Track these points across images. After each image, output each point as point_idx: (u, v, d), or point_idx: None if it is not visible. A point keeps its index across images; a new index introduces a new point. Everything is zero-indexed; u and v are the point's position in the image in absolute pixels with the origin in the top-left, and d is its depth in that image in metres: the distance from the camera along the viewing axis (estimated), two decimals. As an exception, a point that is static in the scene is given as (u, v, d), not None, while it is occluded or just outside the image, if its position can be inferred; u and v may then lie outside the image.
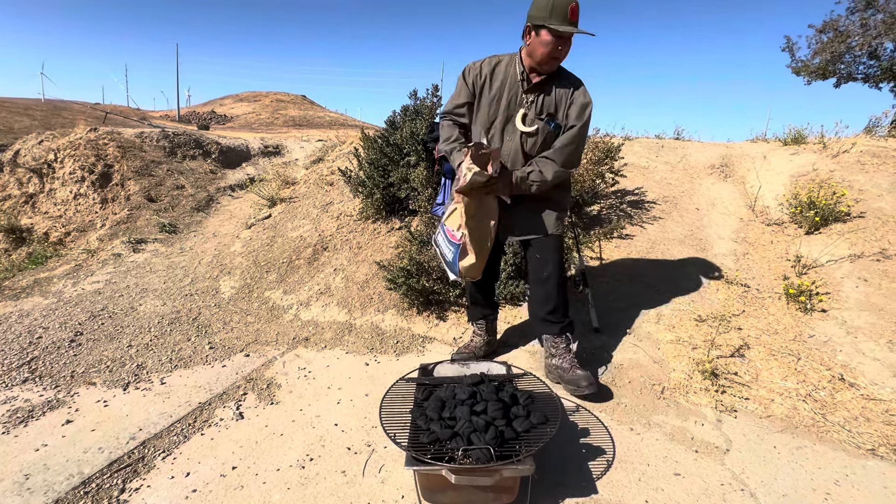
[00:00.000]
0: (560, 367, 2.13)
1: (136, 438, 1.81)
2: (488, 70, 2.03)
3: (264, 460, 1.69)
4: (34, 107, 22.63)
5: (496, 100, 2.02)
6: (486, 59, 2.07)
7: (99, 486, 1.57)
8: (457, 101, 2.09)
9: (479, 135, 2.05)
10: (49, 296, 3.47)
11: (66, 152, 5.90)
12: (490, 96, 2.02)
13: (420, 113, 3.64)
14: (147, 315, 3.04)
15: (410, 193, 3.38)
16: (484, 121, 2.06)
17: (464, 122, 2.11)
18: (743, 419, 1.98)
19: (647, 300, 2.88)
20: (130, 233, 4.80)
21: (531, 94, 2.00)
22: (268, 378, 2.27)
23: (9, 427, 1.87)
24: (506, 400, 1.53)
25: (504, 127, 2.04)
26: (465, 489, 1.37)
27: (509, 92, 2.01)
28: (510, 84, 2.01)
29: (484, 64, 2.05)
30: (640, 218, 3.86)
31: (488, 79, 2.02)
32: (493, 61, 2.04)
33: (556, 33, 1.84)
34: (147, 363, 2.42)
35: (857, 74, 9.21)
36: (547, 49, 1.87)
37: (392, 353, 2.54)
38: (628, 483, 1.59)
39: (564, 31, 1.83)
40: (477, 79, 2.04)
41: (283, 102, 34.46)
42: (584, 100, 1.99)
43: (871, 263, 2.85)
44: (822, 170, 4.03)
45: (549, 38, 1.85)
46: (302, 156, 7.83)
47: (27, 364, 2.39)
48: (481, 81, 2.03)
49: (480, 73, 2.03)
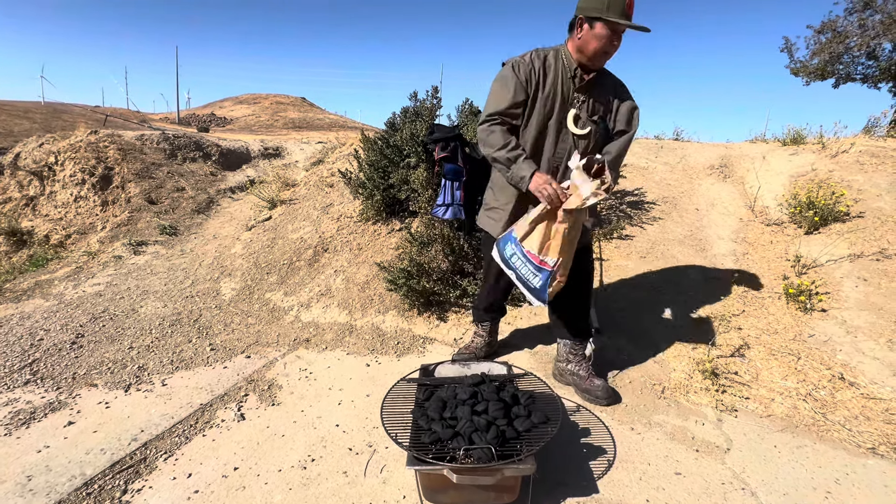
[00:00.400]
0: (576, 373, 2.13)
1: (138, 440, 1.81)
2: (539, 65, 1.84)
3: (266, 461, 1.70)
4: (34, 109, 22.64)
5: (550, 97, 1.84)
6: (533, 53, 1.87)
7: (101, 487, 1.57)
8: (513, 99, 1.84)
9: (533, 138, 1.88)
10: (50, 298, 3.47)
11: (67, 155, 5.91)
12: (545, 94, 1.84)
13: (420, 114, 3.65)
14: (148, 317, 3.05)
15: (410, 195, 3.39)
16: (538, 121, 1.87)
17: (516, 125, 1.90)
18: (743, 418, 1.99)
19: (647, 300, 2.89)
20: (131, 235, 4.81)
21: (582, 94, 1.86)
22: (269, 379, 2.28)
23: (11, 429, 1.88)
24: (507, 400, 1.53)
25: (559, 128, 1.87)
26: (466, 489, 1.37)
27: (563, 89, 1.85)
28: (563, 80, 1.84)
29: (533, 58, 1.85)
30: (639, 218, 3.87)
31: (541, 74, 1.84)
32: (540, 55, 1.86)
33: (612, 27, 1.70)
34: (148, 365, 2.42)
35: (855, 75, 9.23)
36: (600, 43, 1.73)
37: (393, 353, 2.54)
38: (629, 482, 1.60)
39: (623, 24, 1.68)
40: (531, 74, 1.83)
41: (283, 104, 34.50)
42: (633, 104, 1.92)
43: (870, 263, 2.86)
44: (821, 170, 4.04)
45: (604, 32, 1.71)
46: (302, 158, 7.84)
47: (29, 366, 2.40)
48: (535, 77, 1.83)
49: (533, 67, 1.83)
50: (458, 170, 2.77)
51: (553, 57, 1.86)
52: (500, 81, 1.87)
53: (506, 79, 1.85)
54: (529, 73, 1.83)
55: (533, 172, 1.77)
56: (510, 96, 1.84)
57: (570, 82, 1.84)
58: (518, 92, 1.84)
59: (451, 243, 3.05)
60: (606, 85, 1.90)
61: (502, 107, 1.86)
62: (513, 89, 1.84)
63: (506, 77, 1.86)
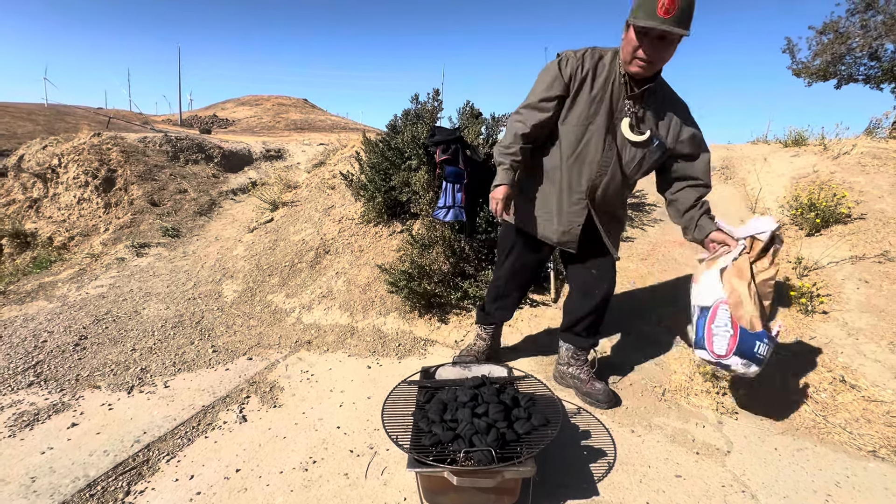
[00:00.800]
0: (577, 377, 2.12)
1: (141, 441, 1.82)
2: (591, 64, 1.73)
3: (267, 463, 1.71)
4: (37, 111, 22.76)
5: (598, 99, 1.73)
6: (588, 51, 1.76)
7: (104, 488, 1.58)
8: (546, 93, 1.76)
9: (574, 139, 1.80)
10: (53, 300, 3.49)
11: (70, 157, 5.95)
12: (592, 94, 1.73)
13: (421, 117, 3.66)
14: (151, 319, 3.06)
15: (412, 197, 3.40)
16: (579, 120, 1.77)
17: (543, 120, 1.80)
18: (744, 421, 1.99)
19: (647, 302, 2.89)
20: (134, 237, 4.83)
21: (633, 103, 1.73)
22: (270, 381, 2.29)
23: (15, 430, 1.89)
24: (507, 402, 1.54)
25: (605, 133, 1.76)
26: (466, 491, 1.38)
27: (614, 93, 1.73)
28: (615, 85, 1.73)
29: (586, 56, 1.74)
30: (640, 220, 3.87)
31: (591, 73, 1.72)
32: (595, 54, 1.75)
33: (638, 29, 1.57)
34: (151, 367, 2.43)
35: (857, 76, 9.21)
36: (629, 48, 1.61)
37: (394, 356, 2.55)
38: (629, 485, 1.60)
39: (646, 26, 1.53)
40: (577, 71, 1.72)
41: (285, 106, 34.59)
42: (697, 129, 1.80)
43: (872, 265, 2.86)
44: (822, 171, 4.03)
45: (632, 36, 1.59)
46: (304, 159, 7.86)
47: (32, 368, 2.41)
48: (582, 75, 1.73)
49: (582, 65, 1.72)
50: (459, 172, 2.78)
51: (610, 59, 1.74)
52: (544, 72, 1.80)
53: (548, 71, 1.77)
54: (576, 69, 1.73)
55: (501, 185, 1.81)
56: (543, 89, 1.77)
57: (623, 88, 1.72)
58: (555, 86, 1.76)
59: (453, 245, 3.06)
60: (663, 100, 1.77)
61: (533, 100, 1.80)
62: (550, 82, 1.76)
63: (549, 69, 1.77)
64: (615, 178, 1.83)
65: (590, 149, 1.79)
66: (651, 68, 1.64)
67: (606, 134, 1.76)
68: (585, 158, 1.81)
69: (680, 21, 1.51)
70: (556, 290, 3.03)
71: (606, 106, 1.74)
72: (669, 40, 1.59)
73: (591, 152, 1.80)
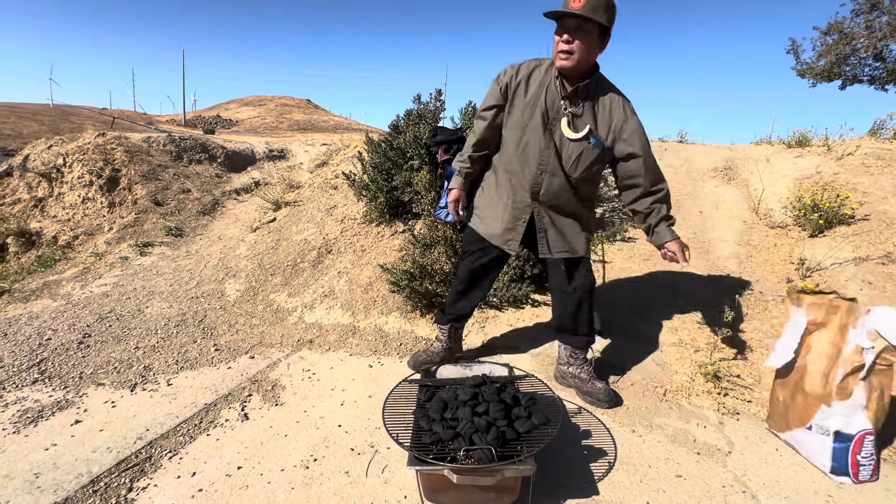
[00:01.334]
0: (578, 376, 2.13)
1: (144, 438, 1.84)
2: (525, 73, 1.88)
3: (269, 461, 1.71)
4: (43, 112, 22.91)
5: (532, 103, 1.86)
6: (525, 63, 1.92)
7: (107, 485, 1.60)
8: (486, 104, 1.98)
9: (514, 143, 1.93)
10: (58, 298, 3.51)
11: (75, 157, 5.98)
12: (525, 101, 1.87)
13: (423, 117, 3.67)
14: (154, 317, 3.08)
15: (414, 197, 3.41)
16: (517, 124, 1.91)
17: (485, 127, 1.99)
18: (745, 421, 1.98)
19: (649, 303, 2.89)
20: (137, 236, 4.86)
21: (570, 104, 1.82)
22: (272, 380, 2.30)
23: (19, 427, 1.91)
24: (507, 401, 1.54)
25: (542, 133, 1.86)
26: (466, 489, 1.38)
27: (547, 97, 1.83)
28: (549, 89, 1.84)
29: (522, 67, 1.90)
30: (643, 221, 3.87)
31: (524, 82, 1.87)
32: (531, 65, 1.90)
33: (555, 19, 1.71)
34: (154, 365, 2.45)
35: (862, 76, 9.18)
36: (554, 45, 1.73)
37: (395, 355, 2.56)
38: (630, 485, 1.60)
39: (556, 11, 1.66)
40: (511, 80, 1.89)
41: (288, 106, 34.70)
42: (640, 126, 1.84)
43: (875, 266, 2.85)
44: (826, 172, 4.02)
45: (554, 33, 1.72)
46: (306, 160, 7.88)
47: (37, 365, 2.43)
48: (515, 84, 1.88)
49: (516, 75, 1.88)
50: (460, 172, 2.78)
51: (547, 66, 1.87)
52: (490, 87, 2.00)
53: (492, 83, 1.98)
54: (511, 79, 1.89)
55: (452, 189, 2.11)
56: (484, 100, 1.99)
57: (558, 90, 1.82)
58: (491, 97, 1.95)
59: (454, 245, 3.07)
60: (601, 97, 1.83)
61: (479, 111, 2.02)
62: (489, 94, 1.97)
63: (492, 82, 1.98)
64: (557, 175, 1.89)
65: (529, 149, 1.90)
66: (573, 59, 1.71)
67: (545, 133, 1.85)
68: (527, 159, 1.91)
69: (594, 9, 1.62)
70: (557, 290, 3.03)
71: (542, 108, 1.84)
72: (586, 30, 1.67)
73: (530, 152, 1.90)
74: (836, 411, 1.65)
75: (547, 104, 1.83)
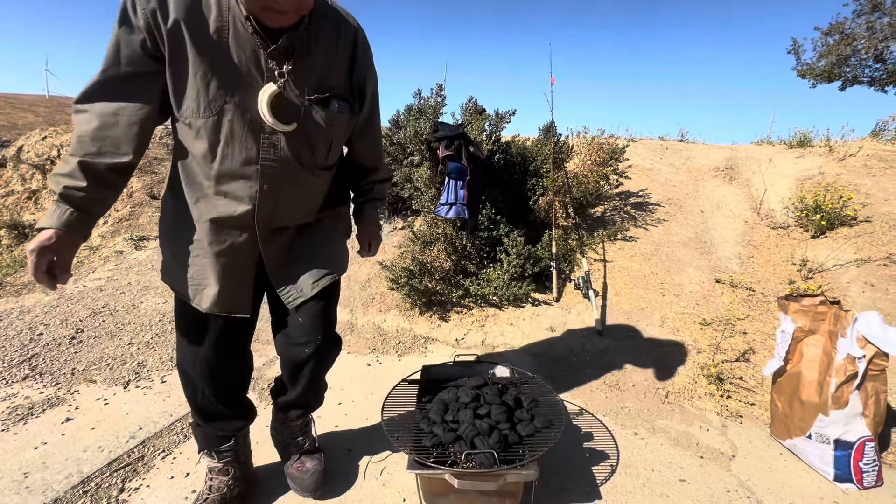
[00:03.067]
0: (291, 472, 1.53)
1: (136, 437, 1.80)
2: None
3: (264, 460, 1.68)
4: (38, 103, 22.69)
5: (223, 63, 1.03)
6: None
7: (98, 485, 1.56)
8: (116, 70, 1.01)
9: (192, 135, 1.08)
10: (50, 292, 3.46)
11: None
12: (201, 57, 1.01)
13: (424, 112, 3.62)
14: (148, 313, 3.03)
15: (413, 193, 3.37)
16: (196, 107, 1.04)
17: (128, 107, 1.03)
18: (749, 425, 1.96)
19: (650, 303, 2.86)
20: (132, 230, 4.80)
21: (282, 59, 1.06)
22: (269, 377, 2.26)
23: (8, 424, 1.86)
24: (510, 403, 1.51)
25: (246, 122, 1.07)
26: (467, 494, 1.35)
27: (239, 50, 1.03)
28: (236, 35, 1.02)
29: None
30: (644, 220, 3.84)
31: (183, 20, 0.98)
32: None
33: None
34: (148, 361, 2.40)
35: (862, 77, 9.17)
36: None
37: (394, 353, 2.52)
38: (633, 489, 1.57)
39: None
40: (154, 16, 0.98)
41: (287, 101, 34.45)
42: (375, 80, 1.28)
43: (877, 268, 2.83)
44: (828, 173, 4.00)
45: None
46: (305, 154, 7.82)
47: (28, 361, 2.38)
48: (169, 25, 0.98)
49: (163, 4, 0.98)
50: (461, 168, 2.74)
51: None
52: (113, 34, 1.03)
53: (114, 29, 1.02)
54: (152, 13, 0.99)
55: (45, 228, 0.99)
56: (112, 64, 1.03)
57: (253, 40, 1.03)
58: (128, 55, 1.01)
59: (454, 243, 3.03)
60: (327, 30, 1.12)
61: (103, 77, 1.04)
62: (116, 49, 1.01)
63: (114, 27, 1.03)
64: (284, 182, 1.20)
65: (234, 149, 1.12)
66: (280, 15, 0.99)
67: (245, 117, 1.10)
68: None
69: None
70: (558, 289, 3.00)
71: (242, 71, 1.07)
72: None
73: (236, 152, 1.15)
74: (833, 420, 1.62)
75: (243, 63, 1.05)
